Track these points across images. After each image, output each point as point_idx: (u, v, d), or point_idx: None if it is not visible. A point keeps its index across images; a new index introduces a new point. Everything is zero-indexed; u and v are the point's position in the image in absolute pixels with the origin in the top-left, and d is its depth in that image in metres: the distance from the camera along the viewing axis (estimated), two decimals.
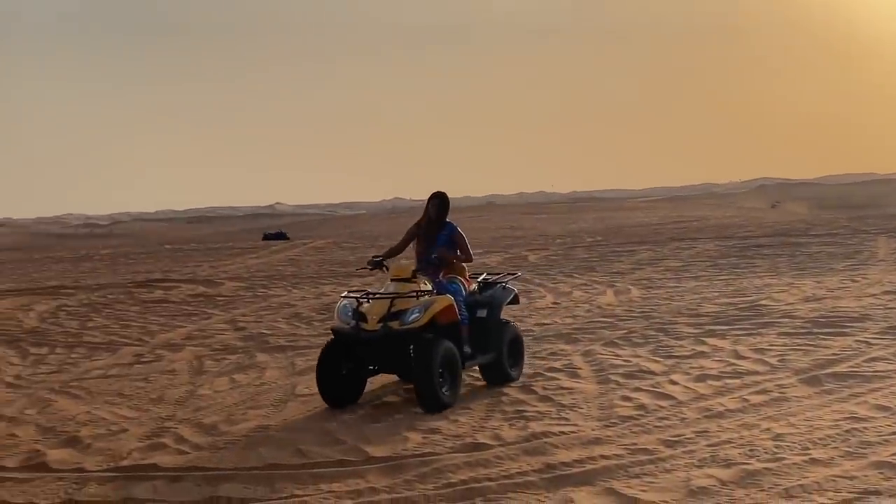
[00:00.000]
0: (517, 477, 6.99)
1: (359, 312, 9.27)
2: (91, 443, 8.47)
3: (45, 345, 14.53)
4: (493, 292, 10.24)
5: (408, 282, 9.33)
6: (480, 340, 9.82)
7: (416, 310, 9.09)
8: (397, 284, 9.34)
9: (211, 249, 34.91)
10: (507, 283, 10.55)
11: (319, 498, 6.71)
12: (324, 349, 9.41)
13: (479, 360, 9.83)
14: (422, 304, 9.14)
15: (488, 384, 9.99)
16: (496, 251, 27.04)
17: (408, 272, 9.41)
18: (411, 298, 9.19)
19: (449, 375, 9.11)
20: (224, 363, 12.36)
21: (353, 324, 9.21)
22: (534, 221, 50.53)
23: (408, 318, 9.06)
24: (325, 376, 9.31)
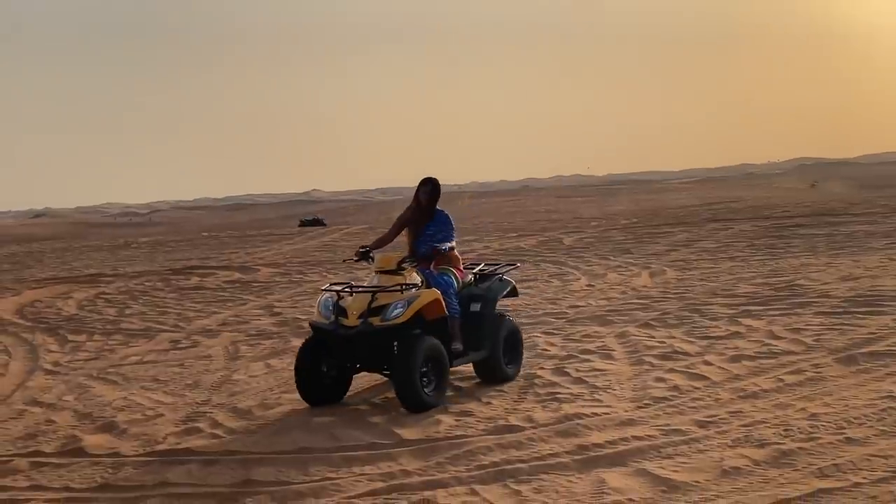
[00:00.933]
0: (549, 458, 6.98)
1: (339, 307, 8.72)
2: (127, 428, 8.57)
3: (84, 332, 14.69)
4: (490, 284, 9.70)
5: (394, 274, 8.74)
6: (474, 336, 9.22)
7: (400, 304, 8.52)
8: (382, 277, 8.77)
9: (247, 236, 35.12)
10: (504, 275, 10.00)
11: (352, 480, 6.74)
12: (302, 346, 8.96)
13: (472, 357, 9.24)
14: (406, 298, 8.56)
15: (483, 382, 9.45)
16: (531, 234, 26.99)
17: (393, 263, 8.79)
18: (395, 292, 8.60)
19: (434, 374, 8.59)
20: (259, 348, 12.44)
21: (332, 319, 8.69)
22: (570, 204, 50.35)
23: (390, 314, 8.50)
24: (305, 375, 8.85)
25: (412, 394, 8.38)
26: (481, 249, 23.63)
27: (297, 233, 35.94)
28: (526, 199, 61.40)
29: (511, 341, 9.62)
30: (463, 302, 9.22)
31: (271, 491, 6.60)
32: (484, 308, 9.38)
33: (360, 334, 8.53)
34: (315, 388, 8.86)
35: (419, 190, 9.38)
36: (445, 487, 6.50)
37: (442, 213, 9.39)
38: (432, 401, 8.51)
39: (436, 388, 8.60)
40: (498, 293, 9.68)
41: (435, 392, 8.58)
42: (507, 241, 25.55)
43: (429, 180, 9.40)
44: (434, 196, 9.37)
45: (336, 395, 9.00)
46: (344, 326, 8.60)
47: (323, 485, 6.68)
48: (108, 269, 24.03)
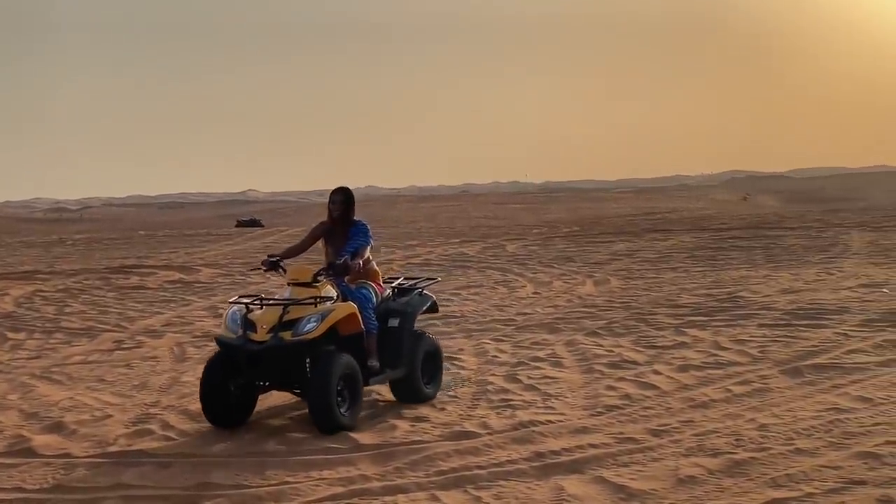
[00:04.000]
0: (507, 465, 7.03)
1: (248, 321, 8.09)
2: (76, 429, 8.43)
3: (23, 330, 14.42)
4: (409, 300, 9.20)
5: (307, 286, 8.18)
6: (391, 353, 8.73)
7: (313, 318, 7.94)
8: (295, 289, 8.17)
9: (186, 236, 34.73)
10: (424, 290, 9.48)
11: (310, 485, 6.71)
12: (209, 363, 8.31)
13: (389, 375, 8.75)
14: (319, 312, 8.00)
15: (399, 401, 8.95)
16: (474, 240, 27.09)
17: (307, 275, 8.24)
18: (309, 305, 8.04)
19: (349, 393, 8.04)
20: (205, 350, 12.30)
21: (240, 333, 8.04)
22: (509, 211, 50.68)
23: (302, 328, 7.90)
24: (210, 394, 8.19)
25: (327, 414, 7.84)
26: (426, 254, 23.68)
27: (235, 233, 35.64)
28: (465, 204, 61.60)
29: (431, 360, 9.16)
30: (381, 317, 8.75)
31: (229, 494, 6.54)
32: (402, 324, 8.88)
33: (270, 350, 7.90)
34: (221, 407, 8.20)
35: (330, 201, 8.83)
36: (406, 493, 6.51)
37: (359, 224, 8.76)
38: (347, 421, 7.95)
39: (350, 408, 8.06)
40: (417, 308, 9.18)
41: (350, 412, 8.04)
42: (450, 246, 25.61)
43: (340, 190, 8.84)
44: (347, 206, 8.78)
45: (241, 416, 8.34)
46: (252, 341, 7.97)
47: (282, 489, 6.64)
48: (44, 266, 23.59)
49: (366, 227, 8.74)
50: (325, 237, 8.89)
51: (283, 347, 7.92)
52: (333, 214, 8.75)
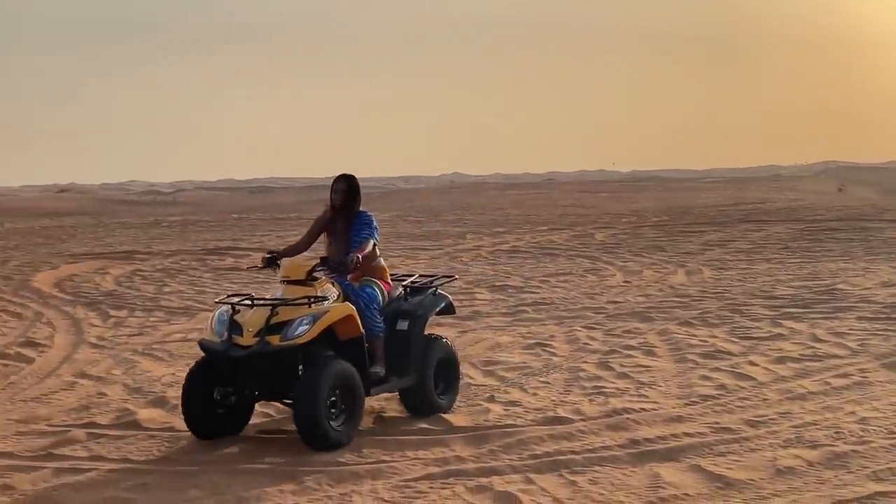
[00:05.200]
0: (601, 451, 7.05)
1: (235, 323, 7.24)
2: (178, 404, 8.65)
3: (124, 308, 14.85)
4: (422, 300, 8.30)
5: (302, 284, 7.31)
6: (399, 359, 7.90)
7: (304, 321, 7.07)
8: (288, 288, 7.31)
9: (276, 219, 35.28)
10: (438, 289, 8.57)
11: (407, 464, 6.82)
12: (191, 369, 7.52)
13: (396, 384, 7.92)
14: (312, 313, 7.13)
15: (408, 412, 8.16)
16: (561, 228, 27.01)
17: (302, 272, 7.33)
18: (302, 306, 7.17)
19: (345, 405, 7.21)
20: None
21: (225, 337, 7.19)
22: (596, 199, 50.28)
23: (292, 332, 7.04)
24: (192, 403, 7.40)
25: (314, 428, 6.99)
26: (513, 241, 23.71)
27: None
28: (551, 192, 61.32)
29: (445, 367, 8.29)
30: (389, 319, 7.93)
31: (328, 470, 6.68)
32: (412, 327, 8.01)
33: (255, 356, 7.07)
34: (205, 419, 7.43)
35: (332, 189, 7.99)
36: (501, 475, 6.57)
37: (364, 215, 7.93)
38: (341, 437, 7.12)
39: (346, 421, 7.21)
40: (430, 310, 8.29)
41: (345, 426, 7.19)
42: (537, 234, 25.59)
43: (343, 177, 7.96)
44: (350, 196, 7.92)
45: (232, 428, 7.57)
46: (237, 346, 7.11)
47: (379, 467, 6.76)
48: (142, 247, 24.21)
49: (370, 219, 7.94)
50: (326, 229, 8.06)
51: (270, 353, 7.05)
52: (335, 203, 7.93)
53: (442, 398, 8.22)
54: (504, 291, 15.61)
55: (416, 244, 23.87)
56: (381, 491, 6.28)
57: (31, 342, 12.01)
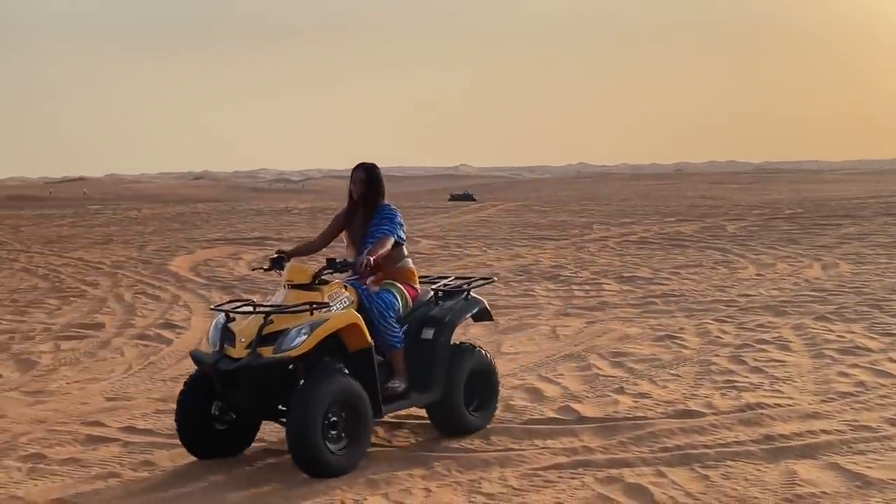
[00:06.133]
0: (735, 446, 6.90)
1: (229, 332, 6.49)
2: None
3: (257, 292, 15.20)
4: (451, 305, 7.36)
5: (307, 289, 6.52)
6: (421, 372, 7.01)
7: (302, 330, 6.24)
8: (291, 293, 6.53)
9: (403, 208, 35.46)
10: (471, 292, 7.63)
11: (535, 453, 6.80)
12: (186, 382, 6.76)
13: (416, 400, 7.03)
14: (310, 322, 6.30)
15: (437, 429, 7.30)
16: (691, 219, 26.54)
17: (306, 275, 6.56)
18: (302, 313, 6.34)
19: (348, 425, 6.37)
20: None
21: (217, 347, 6.47)
22: (726, 191, 49.27)
23: (287, 343, 6.22)
24: (189, 419, 6.64)
25: (308, 451, 6.16)
26: (642, 232, 23.41)
27: (450, 206, 36.24)
28: (679, 182, 60.32)
29: (479, 380, 7.41)
30: (414, 327, 7.09)
31: (457, 457, 6.71)
32: (438, 335, 7.09)
33: (243, 370, 6.25)
34: (202, 436, 6.68)
35: (351, 180, 7.16)
36: (631, 467, 6.50)
37: (385, 209, 7.06)
38: (340, 462, 6.29)
39: (349, 445, 6.38)
40: (459, 316, 7.35)
41: (347, 450, 6.36)
42: (666, 225, 25.20)
43: (361, 166, 7.14)
44: (371, 187, 7.07)
45: (234, 447, 6.81)
46: (228, 358, 6.36)
47: (507, 455, 6.76)
48: (273, 233, 24.75)
49: (393, 213, 7.06)
50: (347, 229, 7.25)
51: (259, 367, 6.23)
52: (354, 196, 7.10)
53: (475, 415, 7.31)
54: (632, 282, 15.42)
55: (542, 234, 23.81)
56: (510, 478, 6.28)
57: (170, 324, 12.42)
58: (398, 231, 7.01)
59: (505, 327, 11.77)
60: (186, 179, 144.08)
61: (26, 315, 13.25)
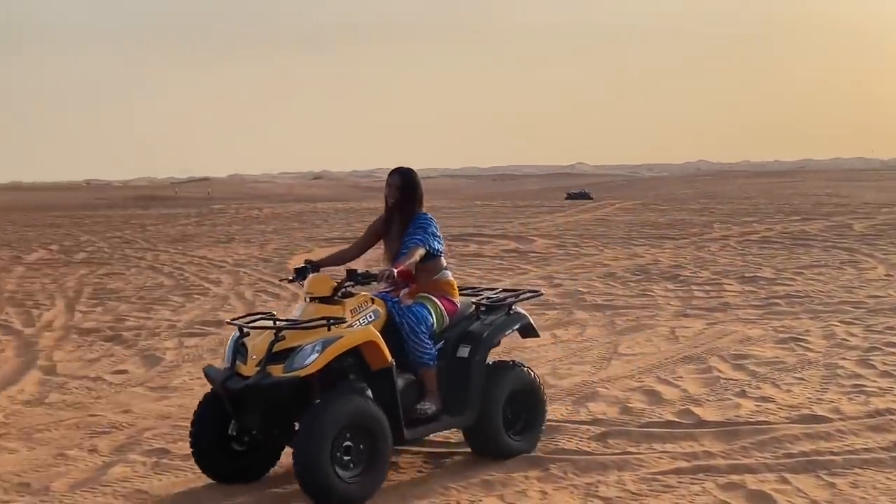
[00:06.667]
0: (863, 453, 6.66)
1: (243, 348, 6.13)
2: None
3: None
4: (492, 320, 6.79)
5: (328, 302, 6.10)
6: (454, 393, 6.47)
7: (315, 347, 5.82)
8: (310, 306, 6.12)
9: (519, 207, 35.54)
10: (515, 306, 7.02)
11: (654, 457, 6.68)
12: (201, 401, 6.37)
13: (445, 423, 6.49)
14: (323, 339, 5.86)
15: (474, 453, 6.77)
16: (815, 218, 25.81)
17: (327, 288, 6.12)
18: (318, 330, 5.91)
19: (363, 451, 5.88)
20: (543, 318, 12.54)
21: (229, 364, 6.13)
22: (852, 188, 47.70)
23: (299, 361, 5.79)
24: (203, 440, 6.26)
25: (315, 477, 5.69)
26: (764, 231, 22.86)
27: (567, 205, 36.02)
28: (804, 180, 58.66)
29: (522, 402, 6.85)
30: (451, 344, 6.57)
31: (574, 459, 6.64)
32: (473, 353, 6.56)
33: (251, 390, 5.86)
34: (218, 457, 6.28)
35: (386, 185, 6.78)
36: (754, 473, 6.32)
37: (420, 218, 6.60)
38: (352, 491, 5.80)
39: (364, 472, 5.88)
40: (498, 332, 6.80)
41: (360, 478, 5.86)
42: (789, 223, 24.55)
43: (396, 171, 6.71)
44: (405, 193, 6.64)
45: (254, 469, 6.38)
46: (237, 377, 6.01)
47: (625, 458, 6.66)
48: None
49: (428, 222, 6.60)
50: (384, 238, 6.81)
51: (267, 387, 5.82)
52: (389, 202, 6.71)
53: (516, 439, 6.77)
54: (754, 283, 15.05)
55: (660, 233, 23.48)
56: (628, 483, 6.18)
57: None
58: (431, 241, 6.53)
59: (622, 328, 11.62)
60: (306, 179, 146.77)
61: (152, 312, 13.64)
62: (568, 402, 8.14)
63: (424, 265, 6.49)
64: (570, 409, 7.94)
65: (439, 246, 6.63)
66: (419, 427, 6.28)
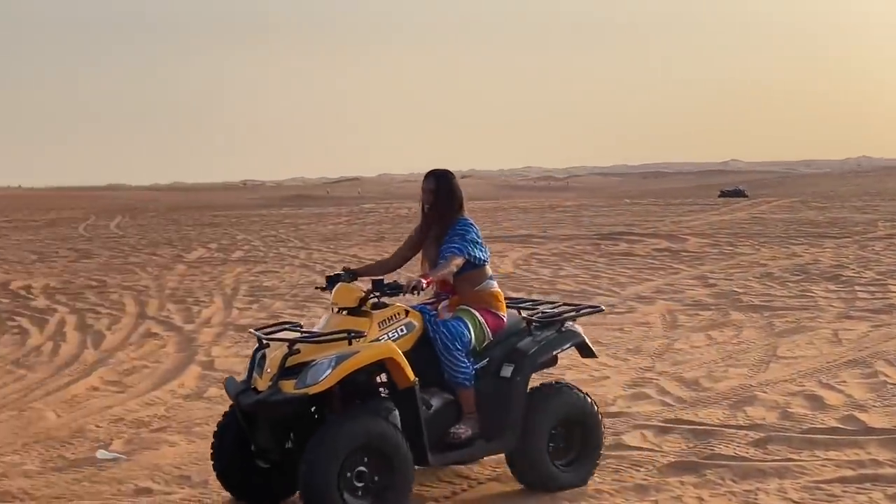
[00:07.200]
0: None
1: (262, 361, 5.79)
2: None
3: (522, 290, 15.27)
4: (542, 337, 6.15)
5: (355, 314, 5.74)
6: (492, 416, 5.89)
7: (329, 363, 5.39)
8: (335, 318, 5.80)
9: (670, 205, 34.88)
10: (570, 322, 6.34)
11: (816, 465, 6.39)
12: (224, 415, 6.07)
13: (482, 450, 5.94)
14: (338, 354, 5.43)
15: (520, 482, 6.13)
16: None
17: (352, 299, 5.75)
18: (340, 342, 5.53)
19: (379, 477, 5.43)
20: (697, 319, 12.24)
21: (247, 377, 5.85)
22: None
23: (312, 377, 5.37)
24: (225, 456, 5.92)
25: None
26: None
27: (720, 203, 35.17)
28: None
29: (573, 429, 6.18)
30: (496, 363, 6.00)
31: (731, 465, 6.41)
32: (515, 373, 5.97)
33: (260, 406, 5.52)
34: (241, 476, 5.92)
35: (422, 189, 6.29)
36: None
37: (459, 224, 6.06)
38: None
39: (378, 500, 5.44)
40: (545, 351, 6.14)
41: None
42: None
43: (431, 174, 6.26)
44: (441, 198, 6.16)
45: (284, 488, 5.94)
46: (251, 391, 5.69)
47: (786, 465, 6.39)
48: (538, 231, 24.87)
49: (467, 228, 6.04)
50: (421, 241, 6.35)
51: (274, 404, 5.45)
52: (424, 207, 6.28)
53: (565, 470, 6.11)
54: None
55: (820, 231, 22.67)
56: (790, 491, 5.92)
57: None
58: (470, 249, 5.97)
59: (781, 329, 11.20)
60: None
61: (305, 309, 13.91)
62: (724, 406, 7.88)
63: (466, 275, 6.00)
64: (727, 413, 7.68)
65: (480, 254, 6.04)
66: (450, 452, 5.78)
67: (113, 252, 23.78)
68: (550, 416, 6.03)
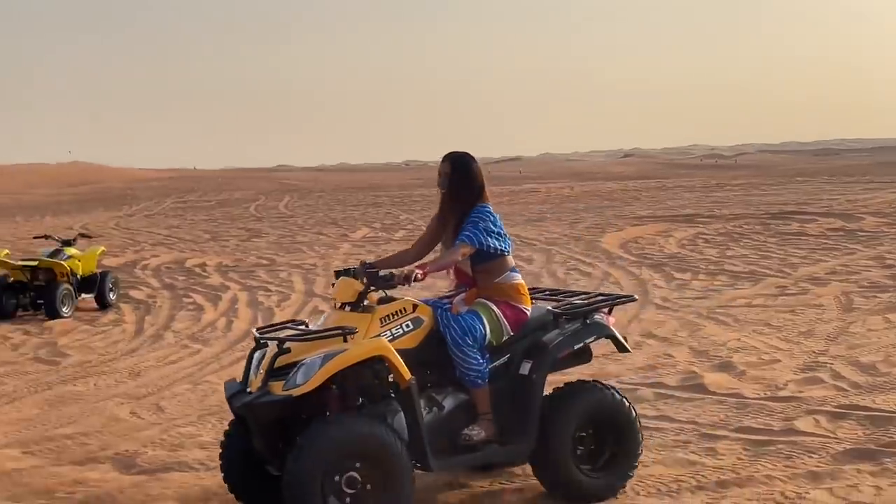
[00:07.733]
0: None
1: (259, 361, 5.42)
2: (745, 370, 8.48)
3: (688, 270, 14.97)
4: (568, 329, 5.71)
5: (357, 309, 5.39)
6: (509, 417, 5.49)
7: (317, 363, 5.05)
8: (335, 313, 5.47)
9: (845, 182, 33.52)
10: (598, 313, 5.87)
11: None
12: (231, 421, 5.70)
13: (494, 455, 5.53)
14: (325, 353, 5.08)
15: (545, 489, 5.69)
16: None
17: (351, 293, 5.38)
18: (332, 340, 5.16)
19: (372, 484, 5.01)
20: (874, 301, 11.72)
21: (243, 378, 5.50)
22: None
23: (300, 378, 5.03)
24: (232, 459, 5.58)
25: None
26: None
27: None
28: None
29: (604, 432, 5.69)
30: (517, 359, 5.61)
31: None
32: (535, 370, 5.53)
33: (247, 409, 5.20)
34: (249, 481, 5.57)
35: (438, 174, 5.83)
36: None
37: (475, 210, 5.61)
38: None
39: None
40: (564, 346, 5.66)
41: None
42: None
43: (447, 157, 5.81)
44: (457, 182, 5.71)
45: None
46: (244, 393, 5.34)
47: None
48: (704, 210, 24.27)
49: (482, 215, 5.58)
50: (441, 230, 5.90)
51: (259, 407, 5.14)
52: (442, 188, 5.79)
53: (594, 476, 5.61)
54: None
55: None
56: None
57: None
58: (482, 237, 5.52)
59: None
60: (616, 157, 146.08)
61: None
62: None
63: (484, 265, 5.60)
64: None
65: (496, 243, 5.56)
66: (457, 457, 5.39)
67: (282, 231, 24.50)
68: (573, 417, 5.56)
